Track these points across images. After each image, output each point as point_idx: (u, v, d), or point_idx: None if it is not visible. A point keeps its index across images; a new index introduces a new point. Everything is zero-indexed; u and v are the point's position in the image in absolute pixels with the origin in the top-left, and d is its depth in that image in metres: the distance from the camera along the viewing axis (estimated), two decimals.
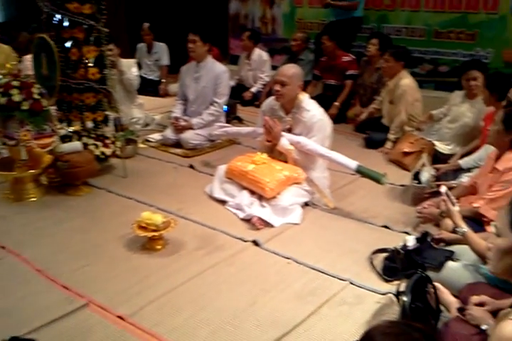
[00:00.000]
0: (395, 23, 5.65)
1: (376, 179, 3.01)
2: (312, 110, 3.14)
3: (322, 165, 3.32)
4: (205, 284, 2.36)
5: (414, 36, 5.54)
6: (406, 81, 4.23)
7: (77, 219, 3.01)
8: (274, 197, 3.00)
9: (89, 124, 3.58)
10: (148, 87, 5.99)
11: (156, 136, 4.47)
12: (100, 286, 2.31)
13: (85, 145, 3.44)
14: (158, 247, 2.66)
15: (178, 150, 4.20)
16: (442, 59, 5.45)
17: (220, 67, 4.22)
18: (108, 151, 3.53)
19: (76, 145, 3.38)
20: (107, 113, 3.62)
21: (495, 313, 1.90)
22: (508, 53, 5.00)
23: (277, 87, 3.12)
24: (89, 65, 3.42)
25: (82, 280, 2.36)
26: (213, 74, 4.18)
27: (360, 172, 3.08)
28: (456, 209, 2.20)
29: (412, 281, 2.00)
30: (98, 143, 3.48)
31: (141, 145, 4.30)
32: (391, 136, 4.30)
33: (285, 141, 3.13)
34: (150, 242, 2.66)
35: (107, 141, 3.56)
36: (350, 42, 5.54)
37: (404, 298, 1.91)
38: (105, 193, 3.38)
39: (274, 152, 3.29)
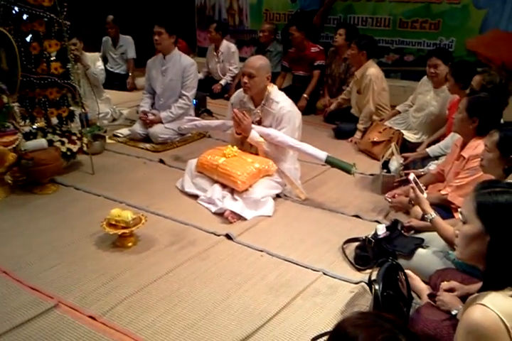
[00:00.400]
0: (360, 14, 5.67)
1: (345, 169, 3.03)
2: (281, 102, 3.13)
3: (293, 157, 3.32)
4: (178, 280, 2.33)
5: (379, 26, 5.59)
6: (372, 70, 4.26)
7: (44, 218, 2.93)
8: (246, 190, 2.98)
9: (54, 120, 3.48)
10: (115, 81, 5.88)
11: (124, 131, 4.38)
12: (70, 286, 2.26)
13: (50, 142, 3.35)
14: (129, 244, 2.62)
15: (148, 145, 4.14)
16: (407, 48, 5.51)
17: (187, 60, 4.16)
18: (74, 148, 3.45)
19: (41, 142, 3.29)
20: (72, 108, 3.53)
21: (465, 298, 1.95)
22: (470, 42, 5.10)
23: (245, 79, 3.09)
24: (52, 59, 3.32)
25: (51, 280, 2.31)
26: (180, 66, 4.12)
27: (330, 162, 3.09)
28: (424, 196, 2.23)
29: (383, 269, 2.03)
30: (64, 139, 3.39)
31: (109, 141, 4.21)
32: (360, 126, 4.33)
33: (255, 134, 3.11)
34: (120, 239, 2.62)
35: (73, 137, 3.47)
36: (318, 33, 5.54)
37: (376, 287, 1.93)
38: (73, 191, 3.30)
39: (245, 144, 3.28)
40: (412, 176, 2.26)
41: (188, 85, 4.15)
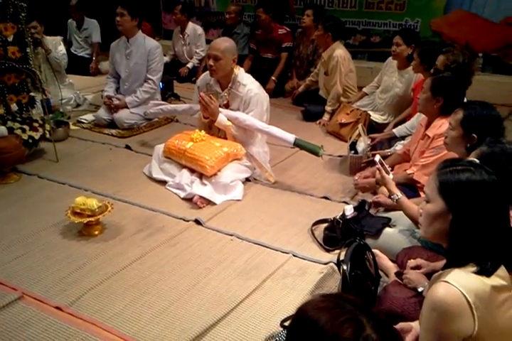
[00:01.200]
0: None
1: (314, 151, 3.03)
2: (248, 84, 3.09)
3: (261, 140, 3.30)
4: (147, 267, 2.30)
5: (346, 7, 5.55)
6: (339, 52, 4.25)
7: (7, 208, 2.84)
8: (214, 175, 2.95)
9: (14, 107, 3.35)
10: (79, 66, 5.70)
11: (88, 117, 4.27)
12: (35, 277, 2.21)
13: (11, 129, 3.22)
14: (96, 233, 2.57)
15: (113, 131, 4.04)
16: (374, 29, 5.51)
17: (151, 43, 4.05)
18: (36, 135, 3.32)
19: (0, 130, 3.16)
20: (32, 94, 3.39)
21: (431, 275, 1.98)
22: (435, 23, 5.13)
23: (210, 62, 3.03)
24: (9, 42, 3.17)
25: (15, 272, 2.24)
26: (145, 50, 4.01)
27: (298, 145, 3.08)
28: (390, 177, 2.25)
29: (350, 249, 2.04)
30: (25, 126, 3.26)
31: (73, 127, 4.10)
32: (328, 108, 4.33)
33: (223, 117, 3.06)
34: (87, 228, 2.56)
35: (35, 124, 3.34)
36: (284, 14, 5.48)
37: (344, 267, 1.94)
38: (36, 179, 3.21)
39: (213, 129, 3.23)
40: (377, 157, 2.27)
41: (154, 69, 4.05)
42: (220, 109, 3.09)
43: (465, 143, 2.01)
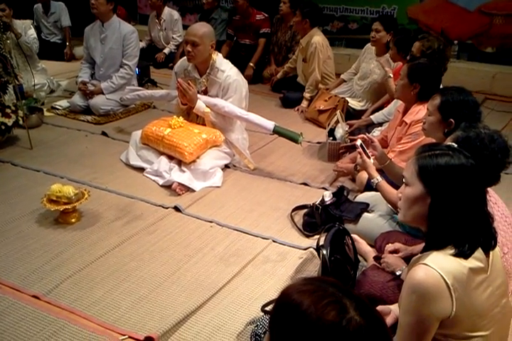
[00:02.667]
0: None
1: (293, 138, 3.03)
2: (227, 70, 3.05)
3: (240, 127, 3.28)
4: (126, 255, 2.28)
5: None
6: (317, 38, 4.22)
7: None
8: (193, 162, 2.93)
9: None
10: (53, 51, 5.54)
11: (63, 103, 4.17)
12: (11, 266, 2.17)
13: None
14: (73, 220, 2.53)
15: (89, 117, 3.96)
16: (351, 16, 5.50)
17: (127, 27, 3.96)
18: (9, 122, 3.24)
19: None
20: (3, 80, 3.29)
21: (409, 259, 2.02)
22: (411, 10, 5.14)
23: (188, 48, 2.98)
24: None
25: None
26: (120, 34, 3.92)
27: (277, 132, 3.07)
28: (370, 161, 2.26)
29: (329, 235, 2.06)
30: None
31: (48, 114, 4.00)
32: (306, 95, 4.32)
33: (201, 104, 3.03)
34: (63, 216, 2.52)
35: (8, 111, 3.26)
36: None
37: (324, 252, 1.96)
38: (10, 167, 3.13)
39: (191, 115, 3.20)
40: (359, 142, 2.28)
41: (130, 54, 3.97)
42: (199, 95, 3.06)
43: (443, 128, 2.04)
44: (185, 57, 3.18)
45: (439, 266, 1.22)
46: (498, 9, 4.72)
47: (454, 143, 1.35)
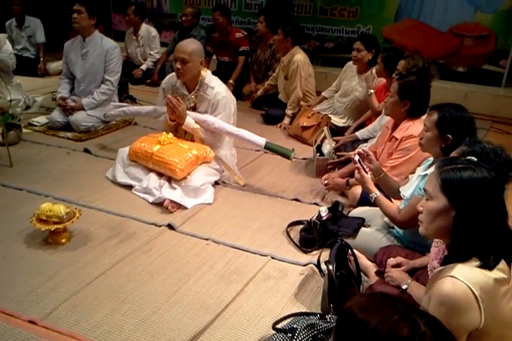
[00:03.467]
0: None
1: (285, 155, 3.04)
2: (216, 87, 3.05)
3: (229, 143, 3.27)
4: (123, 275, 2.21)
5: (301, 13, 5.64)
6: (299, 57, 4.30)
7: None
8: (184, 178, 2.89)
9: None
10: (25, 67, 5.41)
11: (41, 119, 4.06)
12: (2, 290, 2.05)
13: None
14: (63, 241, 2.44)
15: (69, 134, 3.86)
16: (328, 35, 5.63)
17: (109, 43, 3.91)
18: None
19: None
20: None
21: (411, 272, 2.04)
22: (386, 30, 5.32)
23: (178, 65, 2.96)
24: None
25: None
26: (102, 50, 3.87)
27: (269, 148, 3.08)
28: (368, 176, 2.29)
29: (334, 250, 2.06)
30: None
31: (25, 130, 3.87)
32: (288, 112, 4.37)
33: (190, 120, 3.01)
34: (53, 236, 2.42)
35: None
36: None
37: (330, 267, 1.95)
38: None
39: (179, 131, 3.17)
40: (356, 157, 2.30)
41: (112, 69, 3.92)
42: (188, 111, 3.04)
43: (440, 144, 2.08)
44: (173, 74, 3.17)
45: (466, 277, 1.24)
46: (468, 31, 4.94)
47: (473, 157, 1.38)
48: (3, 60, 4.12)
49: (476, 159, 1.38)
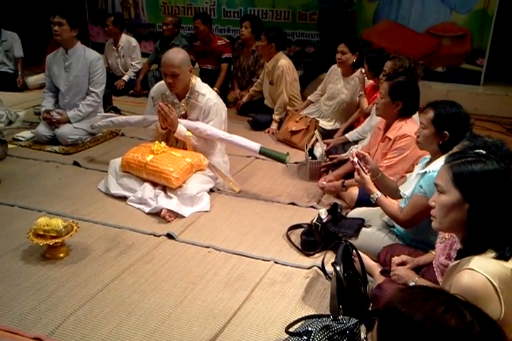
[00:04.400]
0: (260, 7, 5.74)
1: (280, 159, 3.04)
2: (207, 94, 3.04)
3: (221, 150, 3.26)
4: (126, 287, 2.17)
5: (280, 19, 5.69)
6: (283, 62, 4.32)
7: None
8: (180, 187, 2.86)
9: None
10: (3, 81, 5.33)
11: (25, 134, 3.98)
12: (3, 308, 2.00)
13: None
14: (61, 255, 2.38)
15: (56, 148, 3.80)
16: (308, 40, 5.69)
17: (92, 54, 3.86)
18: None
19: None
20: None
21: (416, 270, 2.05)
22: (365, 33, 5.39)
23: (169, 79, 2.92)
24: None
25: None
26: (85, 61, 3.82)
27: (264, 153, 3.08)
28: (368, 177, 2.30)
29: (340, 251, 2.06)
30: None
31: (10, 146, 3.79)
32: (275, 117, 4.38)
33: (182, 128, 2.99)
34: (51, 251, 2.37)
35: None
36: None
37: (338, 268, 1.95)
38: None
39: (170, 140, 3.14)
40: (356, 159, 2.31)
41: (96, 81, 3.87)
42: (179, 119, 3.02)
43: (437, 141, 2.11)
44: (161, 82, 3.15)
45: (484, 269, 1.25)
46: (445, 31, 5.05)
47: (482, 150, 1.40)
48: None
49: (484, 152, 1.40)
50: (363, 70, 3.61)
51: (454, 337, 0.78)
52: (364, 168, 2.30)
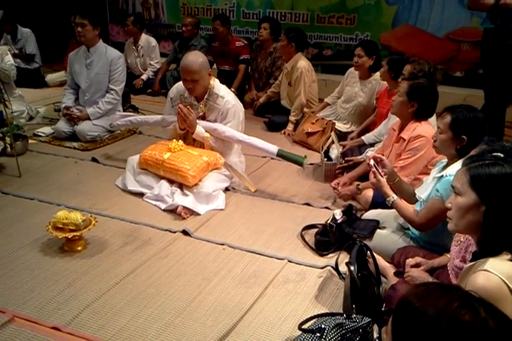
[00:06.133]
0: (279, 9, 5.77)
1: (298, 162, 3.06)
2: (225, 96, 3.07)
3: (237, 150, 3.30)
4: (142, 281, 2.21)
5: (298, 21, 5.72)
6: (302, 63, 4.35)
7: None
8: (196, 185, 2.90)
9: None
10: (24, 78, 5.41)
11: (46, 130, 4.07)
12: (22, 298, 2.05)
13: None
14: (79, 248, 2.43)
15: (75, 144, 3.87)
16: (326, 43, 5.71)
17: (113, 52, 3.93)
18: None
19: None
20: None
21: (430, 272, 2.06)
22: (384, 37, 5.40)
23: (189, 85, 2.96)
24: None
25: None
26: (107, 60, 3.89)
27: (282, 156, 3.09)
28: (384, 180, 2.31)
29: (354, 251, 2.07)
30: None
31: (31, 141, 3.87)
32: (292, 118, 4.41)
33: (201, 129, 3.03)
34: (69, 244, 2.42)
35: None
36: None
37: (352, 268, 1.97)
38: (0, 196, 2.99)
39: (187, 140, 3.18)
40: (372, 161, 2.33)
41: (117, 79, 3.94)
42: (198, 120, 3.05)
43: (455, 145, 2.11)
44: (180, 83, 3.18)
45: (499, 271, 1.26)
46: (465, 36, 5.03)
47: (500, 154, 1.41)
48: (5, 69, 4.13)
49: (502, 155, 1.41)
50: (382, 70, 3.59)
51: (468, 332, 0.80)
52: (380, 171, 2.31)
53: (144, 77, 5.57)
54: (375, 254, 2.32)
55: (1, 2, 5.65)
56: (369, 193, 2.82)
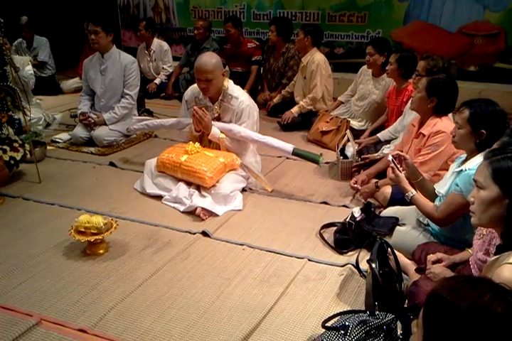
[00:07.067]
0: (290, 9, 5.78)
1: (314, 160, 3.06)
2: (240, 96, 3.09)
3: (253, 150, 3.31)
4: (164, 282, 2.23)
5: (309, 20, 5.72)
6: (318, 56, 4.39)
7: None
8: (213, 186, 2.92)
9: None
10: (40, 85, 5.50)
11: (63, 136, 4.13)
12: (48, 301, 2.08)
13: None
14: (101, 251, 2.47)
15: (92, 149, 3.92)
16: (337, 41, 5.70)
17: (127, 58, 3.98)
18: (18, 156, 3.17)
19: None
20: (11, 114, 3.24)
21: (452, 267, 2.04)
22: (395, 33, 5.38)
23: (203, 85, 2.98)
24: None
25: (24, 297, 2.11)
26: (121, 65, 3.94)
27: (297, 154, 3.10)
28: (403, 175, 2.30)
29: (375, 249, 2.07)
30: (5, 147, 3.11)
31: (49, 147, 3.93)
32: (301, 103, 4.44)
33: (216, 130, 3.05)
34: (91, 247, 2.45)
35: (15, 145, 3.19)
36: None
37: (373, 265, 1.97)
38: (21, 201, 3.05)
39: (203, 141, 3.20)
40: (390, 157, 2.32)
41: (131, 84, 3.98)
42: (213, 122, 3.07)
43: (474, 140, 2.10)
44: (194, 85, 3.21)
45: None
46: (478, 30, 4.99)
47: None
48: (25, 77, 4.20)
49: None
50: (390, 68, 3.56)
51: (502, 324, 0.80)
52: (399, 167, 2.30)
53: (157, 81, 5.62)
54: (395, 251, 2.31)
55: (17, 10, 5.74)
56: (387, 190, 2.81)
